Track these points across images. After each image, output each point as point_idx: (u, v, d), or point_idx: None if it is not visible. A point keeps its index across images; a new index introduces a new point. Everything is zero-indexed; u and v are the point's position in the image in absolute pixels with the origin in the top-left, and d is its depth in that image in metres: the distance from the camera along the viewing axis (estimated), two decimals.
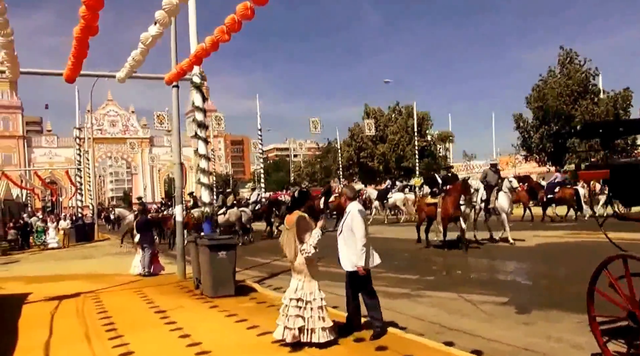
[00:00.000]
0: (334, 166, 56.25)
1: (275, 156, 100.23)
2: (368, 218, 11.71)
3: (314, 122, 35.22)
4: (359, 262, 5.62)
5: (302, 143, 54.44)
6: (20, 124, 68.48)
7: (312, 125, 35.26)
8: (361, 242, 5.61)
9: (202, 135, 10.03)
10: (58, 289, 10.82)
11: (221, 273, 9.02)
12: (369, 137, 47.22)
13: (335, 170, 55.56)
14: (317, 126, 35.47)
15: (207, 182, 10.15)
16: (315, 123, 35.33)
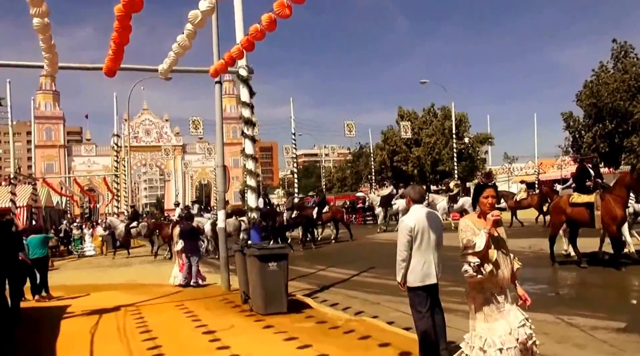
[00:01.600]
0: (366, 170, 54.83)
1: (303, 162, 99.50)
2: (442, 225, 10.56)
3: (348, 125, 34.14)
4: (397, 276, 4.90)
5: (335, 148, 53.06)
6: (62, 133, 69.65)
7: (346, 128, 34.19)
8: (399, 256, 4.84)
9: (249, 133, 9.08)
10: (97, 301, 10.05)
11: (272, 286, 8.01)
12: (403, 140, 45.74)
13: (367, 175, 54.15)
14: (352, 129, 34.38)
15: (254, 184, 9.18)
16: (350, 126, 34.26)
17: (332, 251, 18.04)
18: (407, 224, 4.88)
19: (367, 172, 53.07)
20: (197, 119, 30.35)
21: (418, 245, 4.89)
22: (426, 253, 4.89)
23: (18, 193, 21.89)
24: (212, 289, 10.69)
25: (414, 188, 5.28)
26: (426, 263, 4.87)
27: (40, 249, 10.42)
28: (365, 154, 55.13)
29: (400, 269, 4.85)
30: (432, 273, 4.89)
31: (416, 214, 4.98)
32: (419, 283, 4.84)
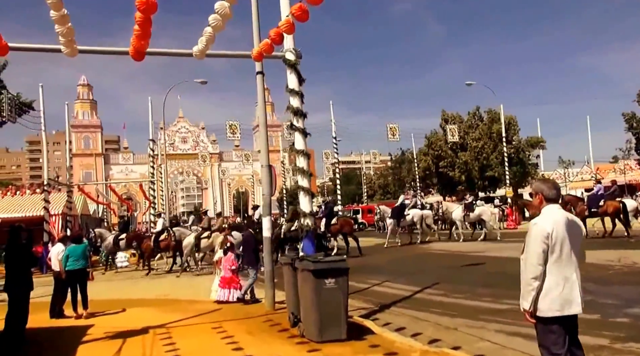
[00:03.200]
0: (409, 177, 52.98)
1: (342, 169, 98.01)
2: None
3: (392, 128, 32.64)
4: (522, 301, 3.58)
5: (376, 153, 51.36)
6: (100, 142, 71.16)
7: (389, 131, 32.63)
8: (530, 272, 3.48)
9: (299, 125, 7.80)
10: (123, 320, 8.93)
11: (329, 308, 6.63)
12: (449, 145, 43.76)
13: (411, 181, 52.26)
14: (396, 133, 32.83)
15: (306, 185, 7.87)
16: (393, 130, 32.73)
17: (383, 262, 16.51)
18: (543, 228, 3.49)
19: (411, 179, 51.20)
20: (234, 123, 29.55)
21: (556, 258, 3.53)
22: (567, 269, 3.53)
23: (52, 201, 21.46)
24: (254, 307, 9.40)
25: (546, 183, 3.86)
26: (567, 283, 3.51)
27: (82, 260, 9.38)
28: (407, 160, 53.26)
29: (531, 290, 3.49)
30: (575, 298, 3.51)
31: (554, 216, 3.56)
32: (557, 312, 3.49)
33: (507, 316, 7.66)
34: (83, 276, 9.35)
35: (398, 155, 57.51)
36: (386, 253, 19.64)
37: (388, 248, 20.83)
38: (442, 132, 45.68)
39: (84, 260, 9.38)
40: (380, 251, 20.15)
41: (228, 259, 10.28)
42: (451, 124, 42.16)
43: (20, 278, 6.92)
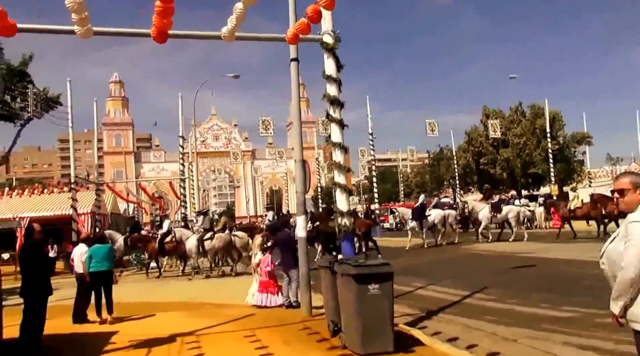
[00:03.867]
0: (447, 174, 51.70)
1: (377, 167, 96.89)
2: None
3: (430, 124, 31.70)
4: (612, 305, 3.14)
5: (414, 150, 50.07)
6: (131, 140, 72.38)
7: (428, 127, 31.71)
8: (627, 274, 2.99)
9: (336, 116, 7.23)
10: (150, 326, 8.58)
11: (374, 316, 6.05)
12: (490, 141, 42.43)
13: (449, 179, 50.97)
14: (435, 128, 31.86)
15: (343, 181, 7.30)
16: (432, 125, 31.78)
17: (424, 264, 15.80)
18: None
19: (449, 177, 49.95)
20: (267, 119, 29.19)
21: None
22: None
23: (80, 199, 21.53)
24: (289, 313, 8.89)
25: None
26: None
27: (107, 262, 9.04)
28: (446, 157, 51.98)
29: (624, 294, 3.05)
30: None
31: None
32: None
33: (571, 325, 6.98)
34: (107, 278, 9.02)
35: (436, 152, 56.21)
36: (426, 254, 18.91)
37: (429, 249, 20.10)
38: (483, 128, 44.38)
39: (109, 262, 9.05)
40: (420, 253, 19.41)
41: (264, 260, 9.83)
42: (492, 119, 40.81)
43: (38, 282, 6.57)
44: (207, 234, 15.90)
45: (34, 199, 24.68)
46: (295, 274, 9.24)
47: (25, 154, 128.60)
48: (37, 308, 6.55)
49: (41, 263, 6.72)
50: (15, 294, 12.75)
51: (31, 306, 6.52)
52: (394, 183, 64.42)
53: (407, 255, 18.07)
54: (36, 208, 23.34)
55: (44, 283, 6.69)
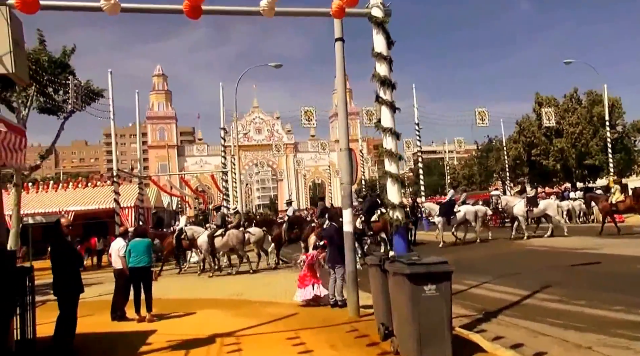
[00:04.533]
0: (497, 166, 49.91)
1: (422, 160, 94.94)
2: None
3: (480, 113, 30.43)
4: None
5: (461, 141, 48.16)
6: (174, 134, 73.48)
7: (478, 116, 30.50)
8: None
9: (386, 97, 6.66)
10: (189, 325, 8.33)
11: (430, 320, 5.51)
12: (543, 131, 40.56)
13: (499, 171, 49.19)
14: (485, 118, 30.60)
15: (394, 170, 6.74)
16: (482, 114, 30.53)
17: (476, 260, 14.98)
18: None
19: (499, 168, 48.21)
20: (310, 109, 28.75)
21: None
22: None
23: (123, 193, 21.77)
24: (336, 312, 8.44)
25: None
26: None
27: (145, 257, 8.81)
28: (495, 148, 50.17)
29: None
30: None
31: None
32: None
33: None
34: (146, 274, 8.81)
35: (485, 143, 54.30)
36: (477, 249, 18.06)
37: (481, 244, 19.23)
38: (535, 117, 42.50)
39: (147, 257, 8.83)
40: (471, 248, 18.57)
41: (308, 254, 9.45)
42: (546, 107, 38.90)
43: (68, 279, 6.33)
44: (218, 230, 15.53)
45: (78, 192, 25.25)
46: (341, 271, 8.79)
47: (73, 149, 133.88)
48: (67, 306, 6.32)
49: (70, 258, 6.47)
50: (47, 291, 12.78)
51: (62, 303, 6.32)
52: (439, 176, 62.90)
53: (453, 251, 17.25)
54: (81, 202, 23.86)
55: (74, 279, 6.46)
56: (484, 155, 54.67)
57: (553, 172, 42.88)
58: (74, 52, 20.69)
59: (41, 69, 19.39)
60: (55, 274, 6.33)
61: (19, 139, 6.57)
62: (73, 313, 6.35)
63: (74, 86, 18.89)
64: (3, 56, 5.32)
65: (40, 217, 23.45)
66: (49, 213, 23.17)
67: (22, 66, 5.58)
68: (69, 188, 26.07)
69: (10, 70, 5.32)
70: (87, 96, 20.74)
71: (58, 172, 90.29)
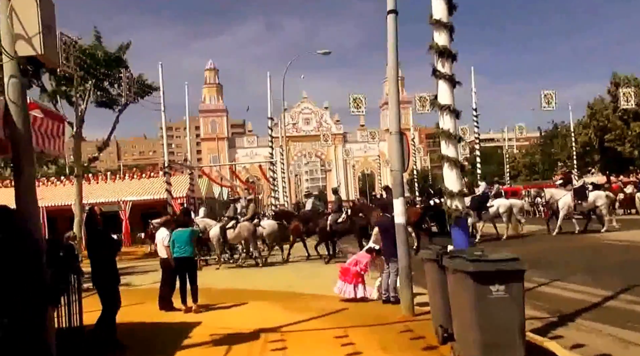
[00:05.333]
0: (562, 154, 47.20)
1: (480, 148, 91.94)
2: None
3: (547, 95, 28.66)
4: None
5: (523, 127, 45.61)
6: (226, 126, 74.92)
7: (544, 100, 28.76)
8: None
9: (445, 71, 6.00)
10: (235, 318, 8.06)
11: (498, 325, 4.89)
12: (619, 114, 37.81)
13: (565, 159, 46.51)
14: (552, 101, 28.81)
15: (453, 154, 6.10)
16: (548, 97, 28.75)
17: (542, 254, 13.91)
18: None
19: (565, 156, 45.59)
20: (359, 96, 28.03)
21: None
22: None
23: (175, 184, 22.07)
24: (388, 310, 7.90)
25: None
26: None
27: (188, 247, 8.62)
28: (561, 135, 47.45)
29: None
30: None
31: None
32: None
33: None
34: (190, 265, 8.60)
35: (549, 130, 51.42)
36: (542, 242, 16.94)
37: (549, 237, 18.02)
38: (610, 99, 39.60)
39: (191, 247, 8.62)
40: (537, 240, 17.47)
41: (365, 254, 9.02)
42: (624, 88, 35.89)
43: (103, 270, 6.18)
44: (229, 222, 15.15)
45: (134, 183, 25.92)
46: (395, 266, 8.22)
47: (133, 143, 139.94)
48: (106, 297, 6.21)
49: (104, 248, 6.31)
50: None
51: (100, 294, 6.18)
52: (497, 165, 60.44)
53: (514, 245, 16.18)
54: (137, 192, 24.46)
55: (110, 270, 6.29)
56: (547, 142, 51.85)
57: (629, 159, 39.96)
58: (128, 47, 21.15)
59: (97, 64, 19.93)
60: (92, 265, 6.20)
61: (57, 126, 6.42)
62: (113, 304, 6.23)
63: (126, 79, 19.21)
64: (32, 37, 5.09)
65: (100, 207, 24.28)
66: (108, 202, 23.94)
67: (51, 48, 5.36)
68: (125, 179, 26.84)
69: (40, 51, 5.09)
70: (140, 90, 21.15)
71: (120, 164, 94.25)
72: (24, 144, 5.23)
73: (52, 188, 25.66)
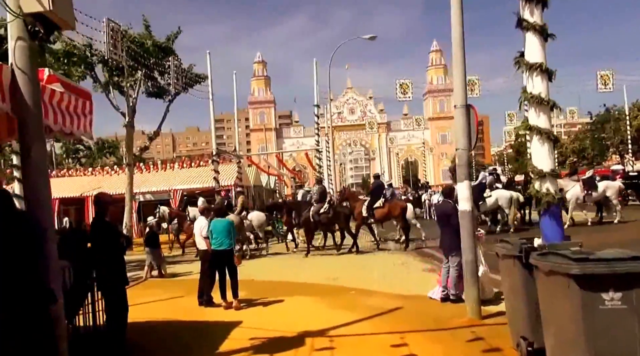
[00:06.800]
0: (615, 138, 43.69)
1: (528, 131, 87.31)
2: None
3: (603, 76, 26.11)
4: None
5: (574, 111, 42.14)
6: (273, 117, 74.61)
7: (600, 81, 26.23)
8: None
9: (534, 20, 4.59)
10: (278, 317, 6.97)
11: (612, 343, 3.56)
12: None
13: (618, 143, 43.07)
14: (609, 82, 26.23)
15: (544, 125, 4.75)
16: (605, 78, 26.19)
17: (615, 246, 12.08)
18: None
19: (618, 141, 42.18)
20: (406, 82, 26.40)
21: None
22: None
23: (223, 172, 21.34)
24: (449, 311, 6.58)
25: None
26: None
27: (226, 239, 7.50)
28: (613, 118, 43.89)
29: None
30: None
31: None
32: None
33: None
34: (229, 258, 7.51)
35: (600, 113, 47.64)
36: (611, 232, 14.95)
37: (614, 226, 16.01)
38: None
39: (228, 239, 7.50)
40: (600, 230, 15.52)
41: None
42: None
43: (107, 270, 5.00)
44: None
45: (184, 172, 25.43)
46: (456, 260, 6.91)
47: (187, 134, 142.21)
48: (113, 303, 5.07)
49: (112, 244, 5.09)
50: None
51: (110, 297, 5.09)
52: None
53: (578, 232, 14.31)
54: (187, 181, 23.92)
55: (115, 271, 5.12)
56: (598, 126, 48.14)
57: None
58: (177, 36, 20.47)
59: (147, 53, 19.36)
60: (96, 264, 5.08)
61: (82, 103, 5.46)
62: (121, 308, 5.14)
63: (174, 67, 18.49)
64: None
65: (149, 195, 23.87)
66: (159, 191, 23.54)
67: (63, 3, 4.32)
68: (175, 168, 26.41)
69: (48, 7, 4.08)
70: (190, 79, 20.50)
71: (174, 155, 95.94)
72: (32, 118, 4.24)
73: (108, 178, 25.49)
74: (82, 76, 18.53)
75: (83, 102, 5.52)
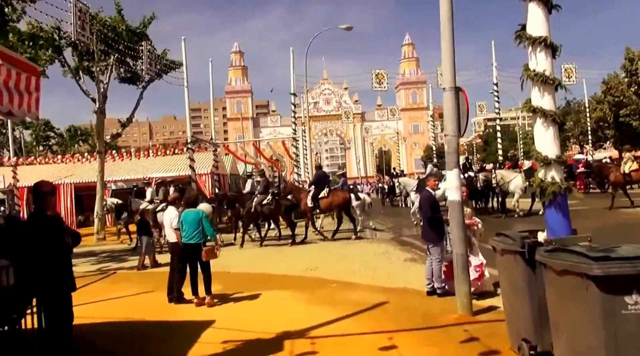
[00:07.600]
0: (575, 130, 44.36)
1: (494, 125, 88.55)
2: None
3: (567, 70, 26.13)
4: None
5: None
6: (250, 106, 73.42)
7: (564, 74, 26.20)
8: None
9: None
10: (253, 314, 6.31)
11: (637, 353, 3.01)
12: (634, 89, 34.93)
13: (578, 135, 43.76)
14: (572, 75, 26.26)
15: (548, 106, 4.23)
16: (569, 71, 26.22)
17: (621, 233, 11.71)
18: None
19: (578, 132, 42.80)
20: (381, 72, 25.84)
21: None
22: None
23: (199, 160, 20.41)
24: (437, 306, 6.02)
25: None
26: None
27: (197, 232, 6.73)
28: (574, 111, 44.54)
29: None
30: None
31: None
32: None
33: None
34: (199, 252, 6.73)
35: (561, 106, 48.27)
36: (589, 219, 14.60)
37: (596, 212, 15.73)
38: (625, 74, 36.74)
39: (199, 232, 6.71)
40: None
41: None
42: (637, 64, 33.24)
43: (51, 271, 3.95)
44: (159, 206, 13.36)
45: (158, 160, 24.31)
46: (437, 252, 6.39)
47: (164, 123, 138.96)
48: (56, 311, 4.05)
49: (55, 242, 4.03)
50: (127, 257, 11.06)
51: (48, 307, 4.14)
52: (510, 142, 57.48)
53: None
54: (162, 169, 22.83)
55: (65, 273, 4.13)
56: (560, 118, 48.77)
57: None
58: (151, 21, 19.36)
59: (119, 38, 18.22)
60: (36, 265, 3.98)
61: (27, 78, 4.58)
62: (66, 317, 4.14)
63: (147, 52, 17.40)
64: None
65: (121, 183, 22.72)
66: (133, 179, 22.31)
67: None
68: (150, 156, 25.23)
69: None
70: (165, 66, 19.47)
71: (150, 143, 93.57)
72: None
73: (80, 165, 24.14)
74: (50, 59, 17.35)
75: (27, 77, 4.62)
